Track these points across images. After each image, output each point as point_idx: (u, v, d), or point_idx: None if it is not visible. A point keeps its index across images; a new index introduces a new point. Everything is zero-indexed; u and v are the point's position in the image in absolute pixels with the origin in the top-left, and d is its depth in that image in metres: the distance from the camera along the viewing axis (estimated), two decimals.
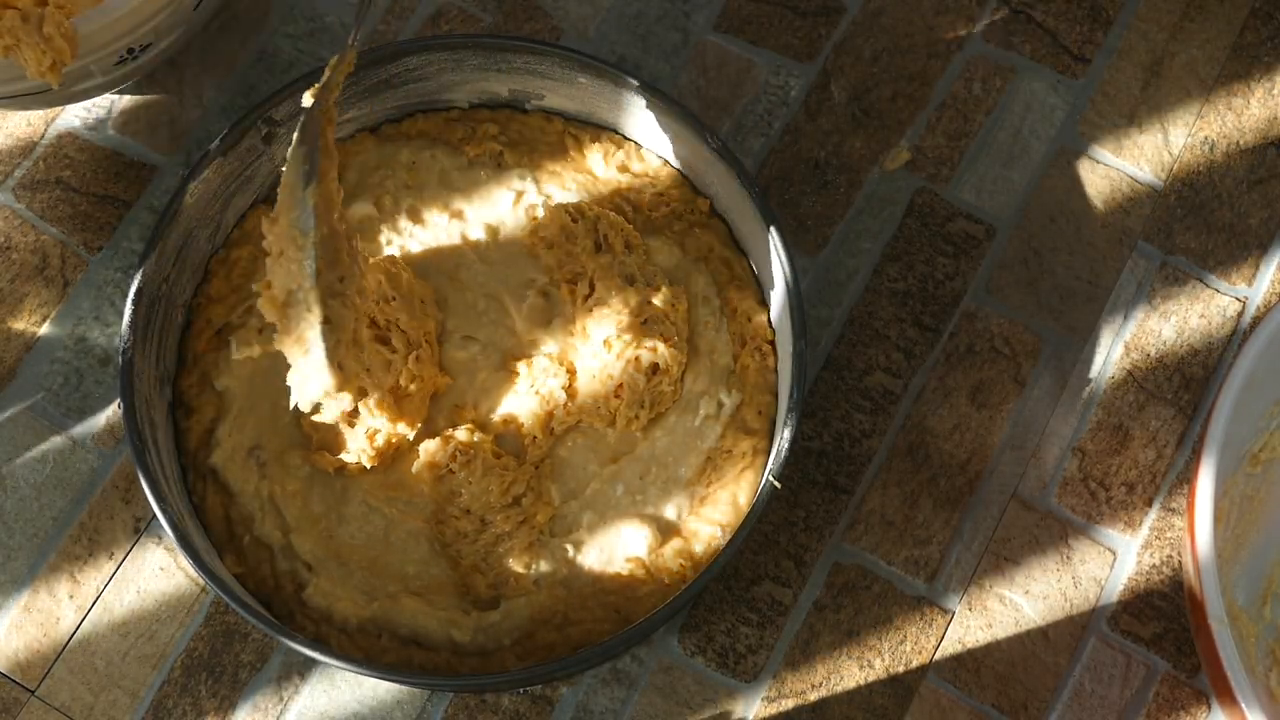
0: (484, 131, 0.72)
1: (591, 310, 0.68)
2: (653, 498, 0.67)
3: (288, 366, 0.60)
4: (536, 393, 0.67)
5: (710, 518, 0.66)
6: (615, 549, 0.66)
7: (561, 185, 0.71)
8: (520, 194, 0.71)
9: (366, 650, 0.64)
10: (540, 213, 0.70)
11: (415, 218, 0.71)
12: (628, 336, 0.67)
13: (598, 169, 0.72)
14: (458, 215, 0.71)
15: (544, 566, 0.66)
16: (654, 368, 0.67)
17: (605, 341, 0.67)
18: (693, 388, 0.68)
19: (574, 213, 0.69)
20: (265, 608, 0.65)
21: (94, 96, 0.72)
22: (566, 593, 0.65)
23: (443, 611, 0.65)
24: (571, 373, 0.68)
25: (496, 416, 0.68)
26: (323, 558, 0.65)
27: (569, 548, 0.66)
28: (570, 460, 0.68)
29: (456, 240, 0.71)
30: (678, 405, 0.68)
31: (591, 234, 0.68)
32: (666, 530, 0.66)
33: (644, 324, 0.67)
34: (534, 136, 0.73)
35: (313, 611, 0.65)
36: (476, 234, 0.71)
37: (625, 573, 0.65)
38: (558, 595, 0.65)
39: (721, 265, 0.70)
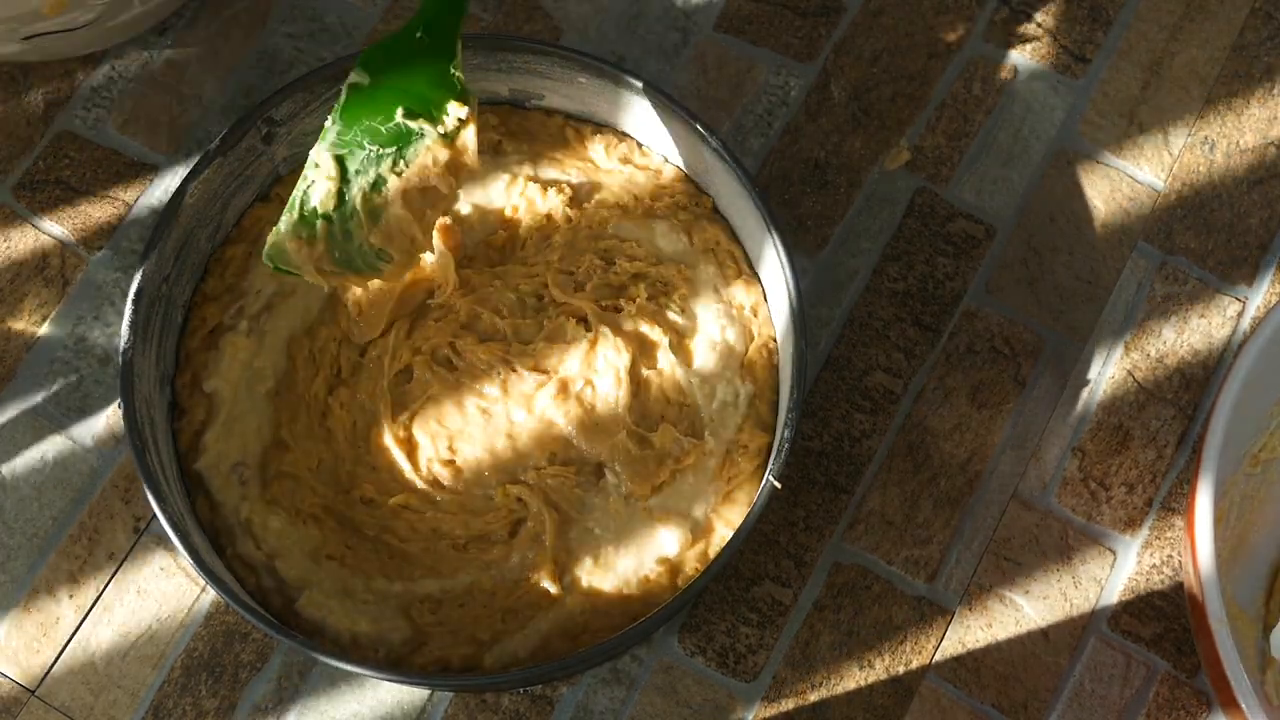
0: (483, 122, 0.72)
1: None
2: (685, 492, 0.66)
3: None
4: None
5: (725, 517, 0.65)
6: (646, 552, 0.65)
7: (562, 170, 0.71)
8: (515, 177, 0.70)
9: (363, 659, 0.64)
10: (531, 192, 0.70)
11: None
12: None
13: (600, 160, 0.72)
14: None
15: (576, 583, 0.64)
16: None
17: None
18: (706, 366, 0.67)
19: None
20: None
21: (136, 31, 0.66)
22: (588, 614, 0.64)
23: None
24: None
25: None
26: (309, 580, 0.64)
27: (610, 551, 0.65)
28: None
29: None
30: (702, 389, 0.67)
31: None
32: (696, 529, 0.65)
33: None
34: (534, 129, 0.72)
35: (305, 622, 0.63)
36: (465, 214, 0.70)
37: (652, 577, 0.64)
38: (577, 621, 0.64)
39: (728, 259, 0.70)
